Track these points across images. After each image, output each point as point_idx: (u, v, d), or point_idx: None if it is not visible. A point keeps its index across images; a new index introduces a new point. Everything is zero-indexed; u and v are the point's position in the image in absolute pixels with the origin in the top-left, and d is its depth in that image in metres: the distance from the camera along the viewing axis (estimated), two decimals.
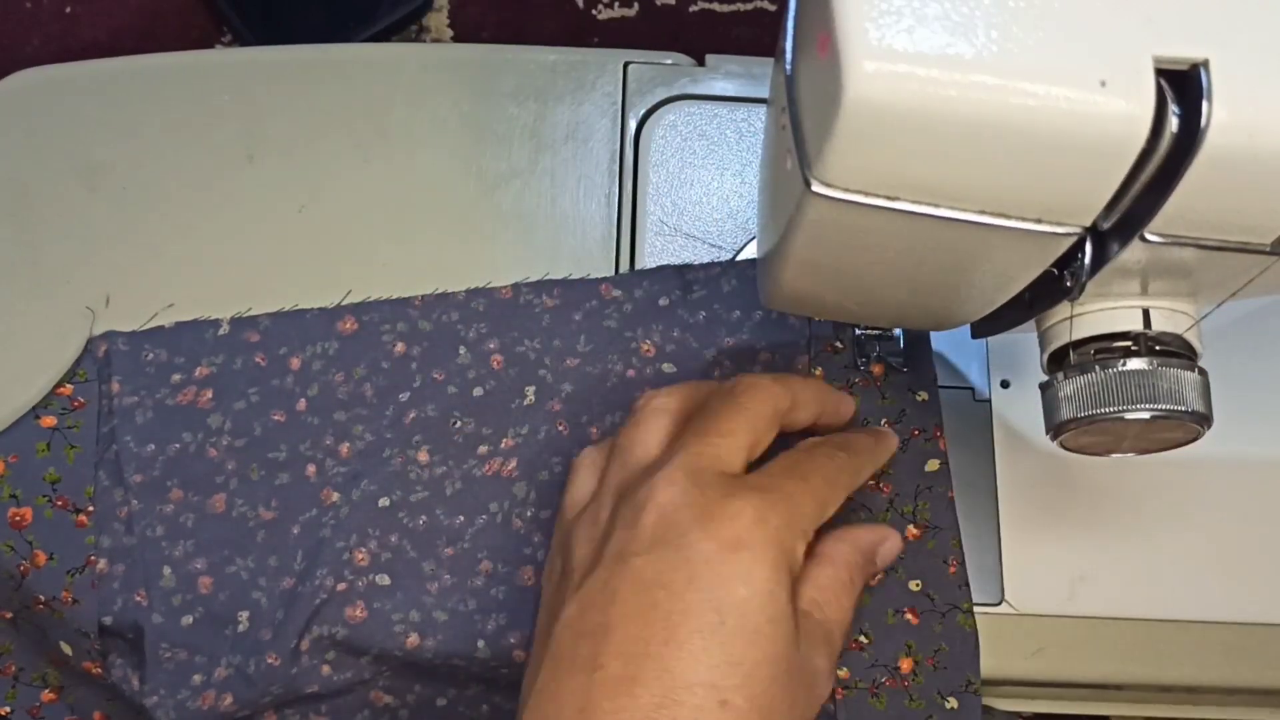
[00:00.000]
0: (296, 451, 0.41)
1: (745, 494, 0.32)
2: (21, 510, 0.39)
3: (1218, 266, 0.28)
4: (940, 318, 0.35)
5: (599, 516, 0.34)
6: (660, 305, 0.43)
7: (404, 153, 0.46)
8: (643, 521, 0.32)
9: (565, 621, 0.32)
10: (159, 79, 0.47)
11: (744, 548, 0.31)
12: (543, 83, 0.47)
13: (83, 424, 0.41)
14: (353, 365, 0.42)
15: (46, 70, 0.47)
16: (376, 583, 0.40)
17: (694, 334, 0.43)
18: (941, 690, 0.39)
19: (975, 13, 0.23)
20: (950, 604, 0.40)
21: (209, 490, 0.40)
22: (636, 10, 0.56)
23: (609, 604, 0.31)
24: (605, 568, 0.32)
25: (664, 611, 0.31)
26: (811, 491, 0.34)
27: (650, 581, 0.31)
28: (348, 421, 0.41)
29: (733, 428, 0.34)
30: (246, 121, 0.46)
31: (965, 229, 0.26)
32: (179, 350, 0.42)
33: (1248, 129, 0.23)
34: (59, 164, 0.45)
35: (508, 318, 0.43)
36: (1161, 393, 0.31)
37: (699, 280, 0.44)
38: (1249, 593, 0.41)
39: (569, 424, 0.42)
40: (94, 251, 0.44)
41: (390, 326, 0.43)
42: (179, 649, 0.39)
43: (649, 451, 0.35)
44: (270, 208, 0.45)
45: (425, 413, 0.42)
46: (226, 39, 0.55)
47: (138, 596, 0.39)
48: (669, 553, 0.31)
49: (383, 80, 0.47)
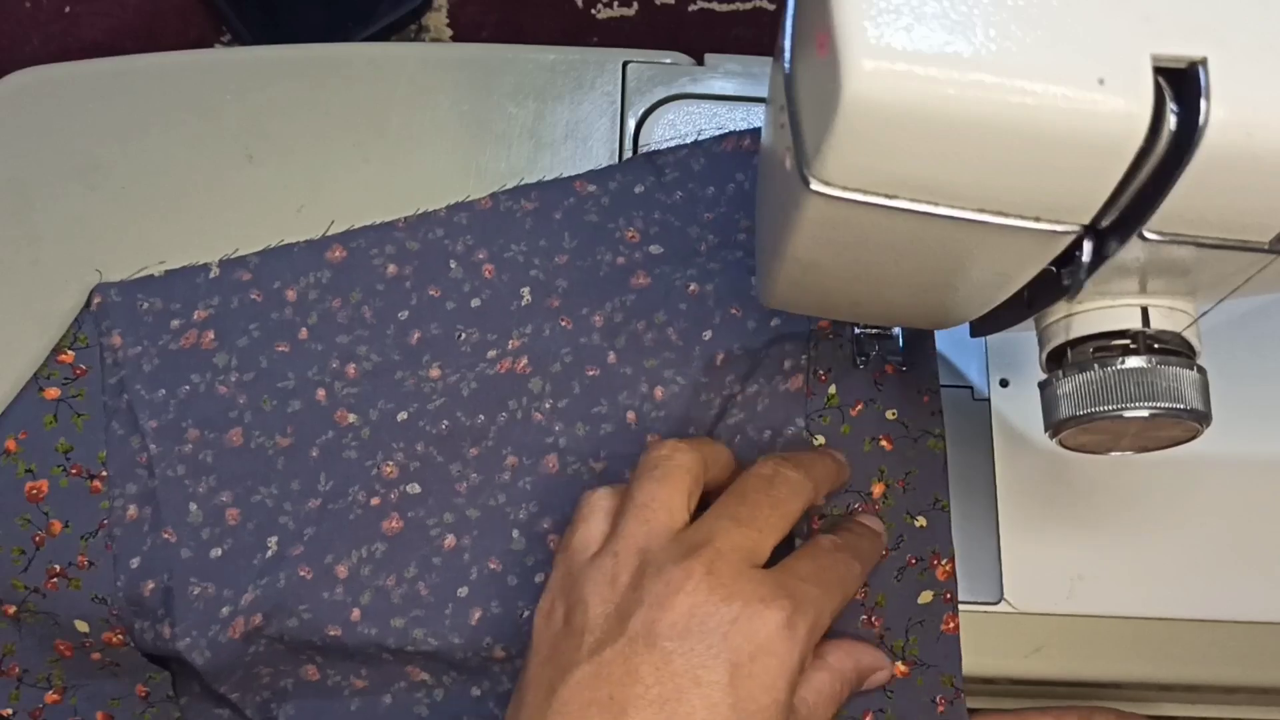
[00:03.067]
0: (304, 378, 0.42)
1: (779, 600, 0.33)
2: (38, 483, 0.40)
3: (1216, 264, 0.28)
4: (939, 316, 0.35)
5: (617, 577, 0.34)
6: (636, 193, 0.45)
7: (403, 152, 0.46)
8: (676, 607, 0.32)
9: (574, 686, 0.32)
10: (158, 79, 0.47)
11: (772, 655, 0.32)
12: (542, 82, 0.47)
13: (86, 391, 0.41)
14: (348, 291, 0.43)
15: (46, 70, 0.47)
16: (408, 492, 0.41)
17: (674, 214, 0.44)
18: (910, 510, 0.40)
19: (974, 11, 0.23)
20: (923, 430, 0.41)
21: (224, 426, 0.41)
22: (635, 9, 0.56)
23: (630, 681, 0.31)
24: (629, 643, 0.32)
25: (689, 705, 0.31)
26: (832, 603, 0.35)
27: (678, 672, 0.31)
28: (351, 344, 0.42)
29: (769, 523, 0.35)
30: (246, 121, 0.46)
31: (964, 227, 0.26)
32: (173, 297, 0.43)
33: (1246, 127, 0.23)
34: (59, 164, 0.45)
35: (491, 226, 0.44)
36: (1160, 391, 0.31)
37: (669, 164, 0.45)
38: (1248, 591, 0.41)
39: (570, 318, 0.43)
40: (94, 251, 0.44)
41: (379, 250, 0.44)
42: (207, 583, 0.39)
43: (675, 518, 0.35)
44: (270, 207, 0.45)
45: (429, 332, 0.43)
46: (226, 39, 0.55)
47: (165, 534, 0.40)
48: (700, 647, 0.31)
49: (382, 80, 0.47)
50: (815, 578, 0.34)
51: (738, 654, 0.32)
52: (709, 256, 0.43)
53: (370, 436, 0.41)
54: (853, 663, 0.37)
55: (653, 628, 0.32)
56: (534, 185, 0.45)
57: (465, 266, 0.44)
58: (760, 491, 0.36)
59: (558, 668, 0.33)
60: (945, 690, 0.39)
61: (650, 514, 0.35)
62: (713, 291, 0.43)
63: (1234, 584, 0.41)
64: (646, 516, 0.34)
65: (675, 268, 0.43)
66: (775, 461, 0.37)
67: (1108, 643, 0.40)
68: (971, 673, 0.40)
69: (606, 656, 0.32)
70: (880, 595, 0.39)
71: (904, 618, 0.39)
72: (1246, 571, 0.41)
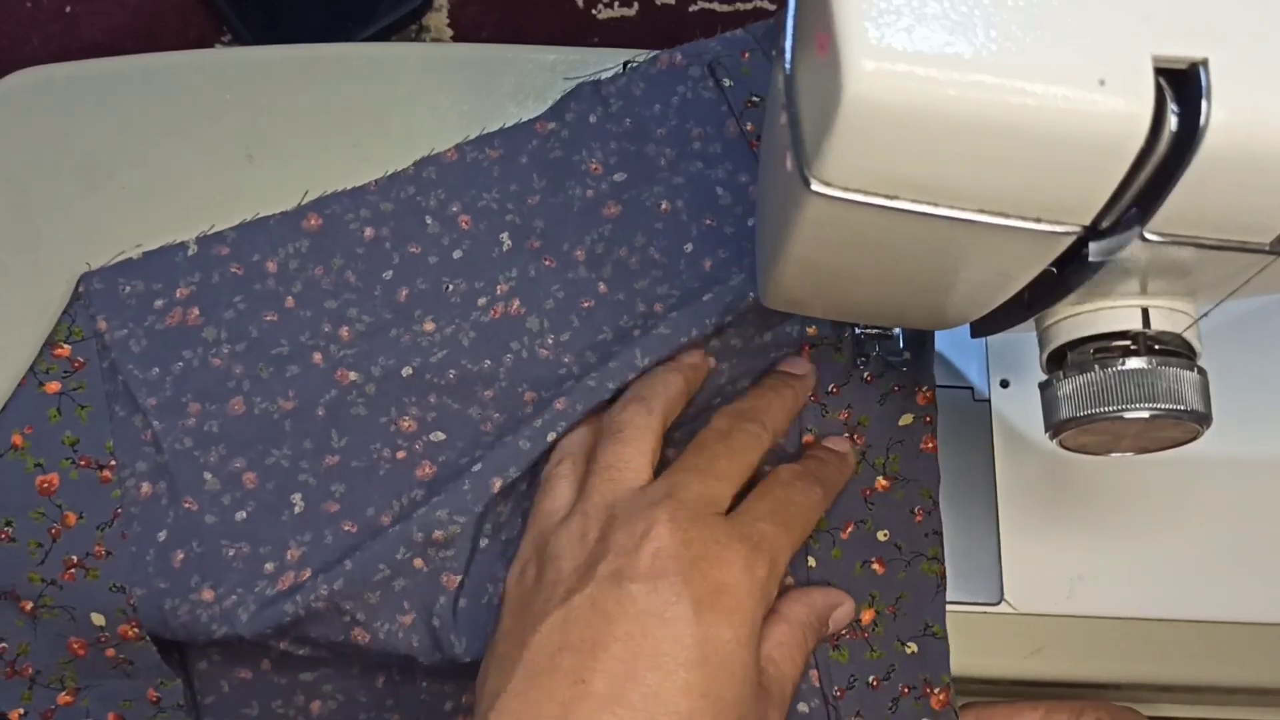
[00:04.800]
0: (298, 343, 0.42)
1: (737, 544, 0.35)
2: (48, 477, 0.40)
3: (1217, 265, 0.28)
4: (939, 317, 0.35)
5: (586, 533, 0.35)
6: (591, 123, 0.45)
7: (404, 152, 0.46)
8: (642, 551, 0.34)
9: (546, 631, 0.33)
10: (158, 78, 0.47)
11: (732, 594, 0.34)
12: (542, 82, 0.47)
13: (87, 383, 0.41)
14: (329, 257, 0.44)
15: (46, 70, 0.47)
16: (432, 440, 0.41)
17: (628, 140, 0.45)
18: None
19: (974, 12, 0.23)
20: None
21: (224, 396, 0.42)
22: (636, 10, 0.56)
23: (601, 622, 0.33)
24: (598, 586, 0.33)
25: (654, 640, 0.32)
26: (792, 538, 0.37)
27: (644, 610, 0.33)
28: (340, 307, 0.43)
29: (727, 472, 0.37)
30: (246, 121, 0.46)
31: (964, 228, 0.26)
32: (154, 277, 0.43)
33: (1247, 128, 0.23)
34: (58, 163, 0.45)
35: (461, 178, 0.45)
36: (1160, 392, 0.31)
37: (612, 94, 0.46)
38: (1248, 592, 0.41)
39: (553, 256, 0.44)
40: (93, 251, 0.44)
41: (354, 215, 0.44)
42: (240, 544, 0.40)
43: (640, 474, 0.37)
44: (270, 207, 0.45)
45: (416, 287, 0.43)
46: (226, 39, 0.55)
47: (186, 503, 0.40)
48: (664, 586, 0.33)
49: (383, 80, 0.47)
50: (772, 515, 0.36)
51: (699, 592, 0.33)
52: (671, 171, 0.45)
53: (377, 393, 0.42)
54: (805, 608, 0.38)
55: (620, 571, 0.33)
56: (496, 133, 0.46)
57: (441, 221, 0.44)
58: (719, 443, 0.38)
59: (530, 618, 0.34)
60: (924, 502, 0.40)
61: (616, 473, 0.36)
62: (684, 207, 0.44)
63: (1234, 585, 0.41)
64: (612, 476, 0.37)
65: (642, 190, 0.44)
66: (731, 415, 0.39)
67: (1107, 643, 0.40)
68: (971, 673, 0.40)
69: (575, 602, 0.33)
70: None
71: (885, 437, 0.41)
72: (1246, 572, 0.41)
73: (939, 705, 0.39)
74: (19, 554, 0.39)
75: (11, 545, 0.39)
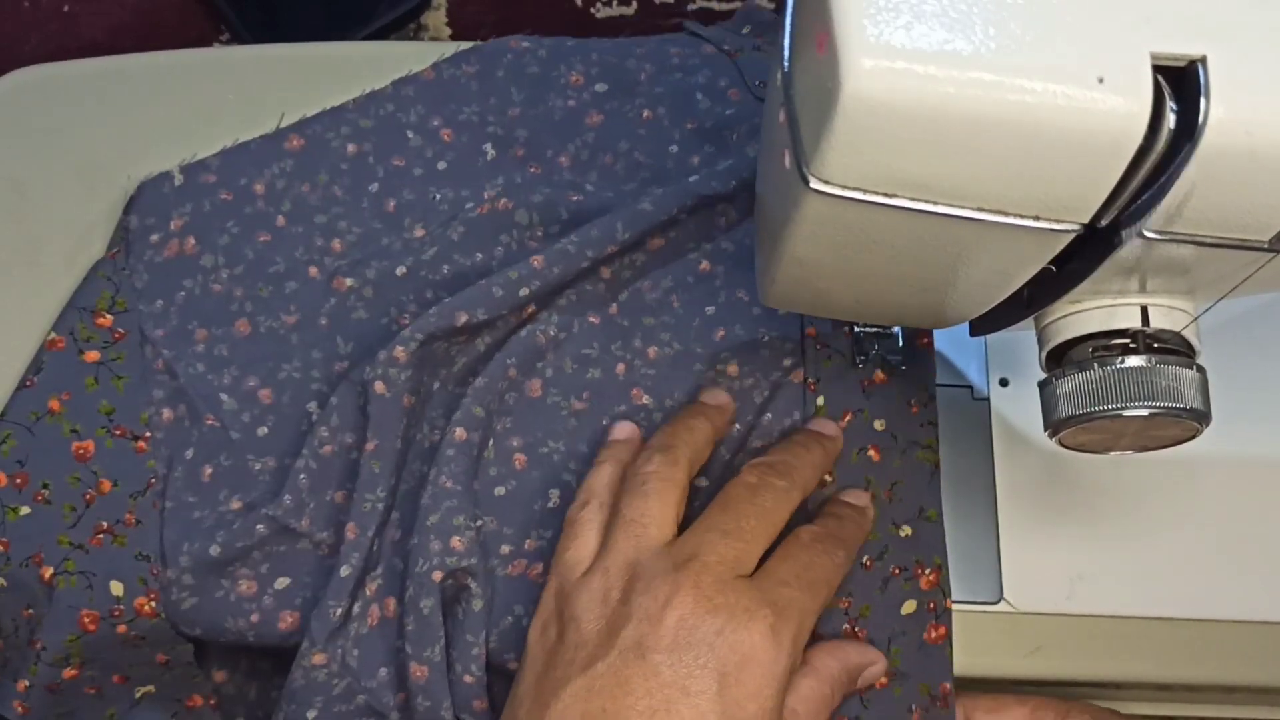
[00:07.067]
0: (293, 259, 0.43)
1: (762, 610, 0.33)
2: (84, 444, 0.41)
3: (1216, 263, 0.28)
4: (938, 315, 0.35)
5: (609, 593, 0.35)
6: (569, 45, 0.47)
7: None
8: (665, 620, 0.33)
9: (567, 700, 0.33)
10: (157, 78, 0.47)
11: (758, 664, 0.33)
12: None
13: (125, 355, 0.42)
14: (314, 175, 0.45)
15: (45, 69, 0.47)
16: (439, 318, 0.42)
17: (610, 54, 0.46)
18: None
19: (973, 9, 0.23)
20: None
21: (228, 320, 0.43)
22: (635, 9, 0.56)
23: (622, 694, 0.32)
24: (620, 656, 0.33)
25: (678, 713, 0.32)
26: (816, 602, 0.35)
27: (667, 683, 0.32)
28: (330, 221, 0.44)
29: (755, 533, 0.36)
30: (246, 120, 0.46)
31: (963, 226, 0.26)
32: (145, 212, 0.44)
33: (1245, 126, 0.23)
34: (58, 163, 0.45)
35: (439, 94, 0.46)
36: (1160, 390, 0.31)
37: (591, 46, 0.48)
38: (1247, 591, 0.41)
39: (538, 163, 0.45)
40: (93, 250, 0.44)
41: (335, 133, 0.45)
42: (266, 458, 0.41)
43: (664, 530, 0.36)
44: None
45: (403, 198, 0.44)
46: (224, 38, 0.55)
47: (209, 420, 0.41)
48: (689, 658, 0.32)
49: (382, 80, 0.47)
50: (796, 579, 0.35)
51: (724, 664, 0.32)
52: (651, 82, 0.46)
53: (374, 295, 0.43)
54: (839, 664, 0.37)
55: (642, 641, 0.33)
56: (470, 50, 0.47)
57: (423, 134, 0.45)
58: (746, 502, 0.36)
59: (551, 682, 0.34)
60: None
61: (640, 529, 0.36)
62: (666, 114, 0.45)
63: (1234, 584, 0.41)
64: (636, 532, 0.36)
65: (624, 101, 0.45)
66: (761, 469, 0.38)
67: (1107, 643, 0.40)
68: (971, 673, 0.40)
69: (598, 670, 0.33)
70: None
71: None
72: (1246, 571, 0.41)
73: (928, 585, 0.39)
74: (53, 516, 0.40)
75: (47, 507, 0.40)
